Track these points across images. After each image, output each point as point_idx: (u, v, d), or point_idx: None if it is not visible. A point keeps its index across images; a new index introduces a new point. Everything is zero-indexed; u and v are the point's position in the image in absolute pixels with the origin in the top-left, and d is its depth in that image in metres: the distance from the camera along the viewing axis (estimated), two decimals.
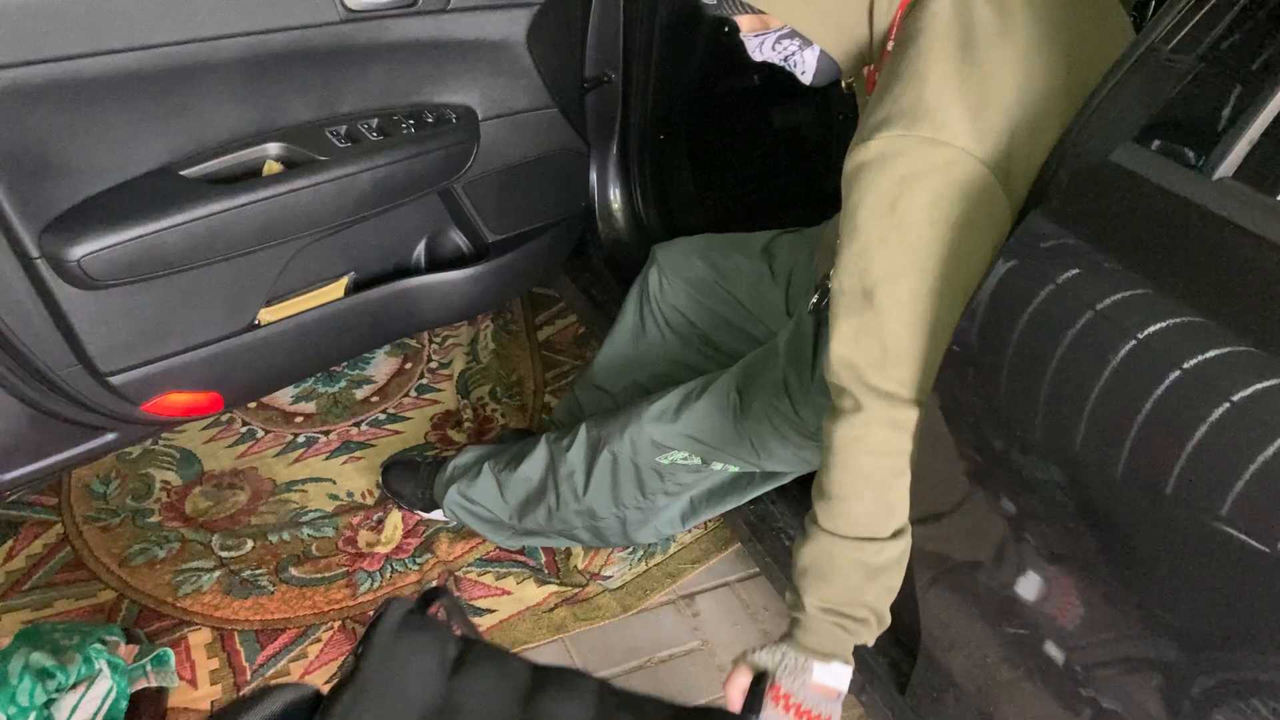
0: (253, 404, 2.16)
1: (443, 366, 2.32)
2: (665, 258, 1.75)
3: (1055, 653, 1.01)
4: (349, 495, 1.98)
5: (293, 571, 1.80)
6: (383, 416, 2.18)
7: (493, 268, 1.81)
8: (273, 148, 1.45)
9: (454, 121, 1.60)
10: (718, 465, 1.54)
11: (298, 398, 2.20)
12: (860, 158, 0.99)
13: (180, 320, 1.47)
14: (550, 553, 1.87)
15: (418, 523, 1.90)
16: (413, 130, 1.54)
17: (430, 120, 1.57)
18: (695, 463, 1.53)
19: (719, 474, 1.59)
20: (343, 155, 1.47)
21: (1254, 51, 0.86)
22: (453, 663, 0.76)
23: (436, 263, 1.80)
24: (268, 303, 1.57)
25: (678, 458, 1.53)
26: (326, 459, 2.05)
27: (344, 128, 1.50)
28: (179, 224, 1.33)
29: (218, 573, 1.79)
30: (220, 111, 1.41)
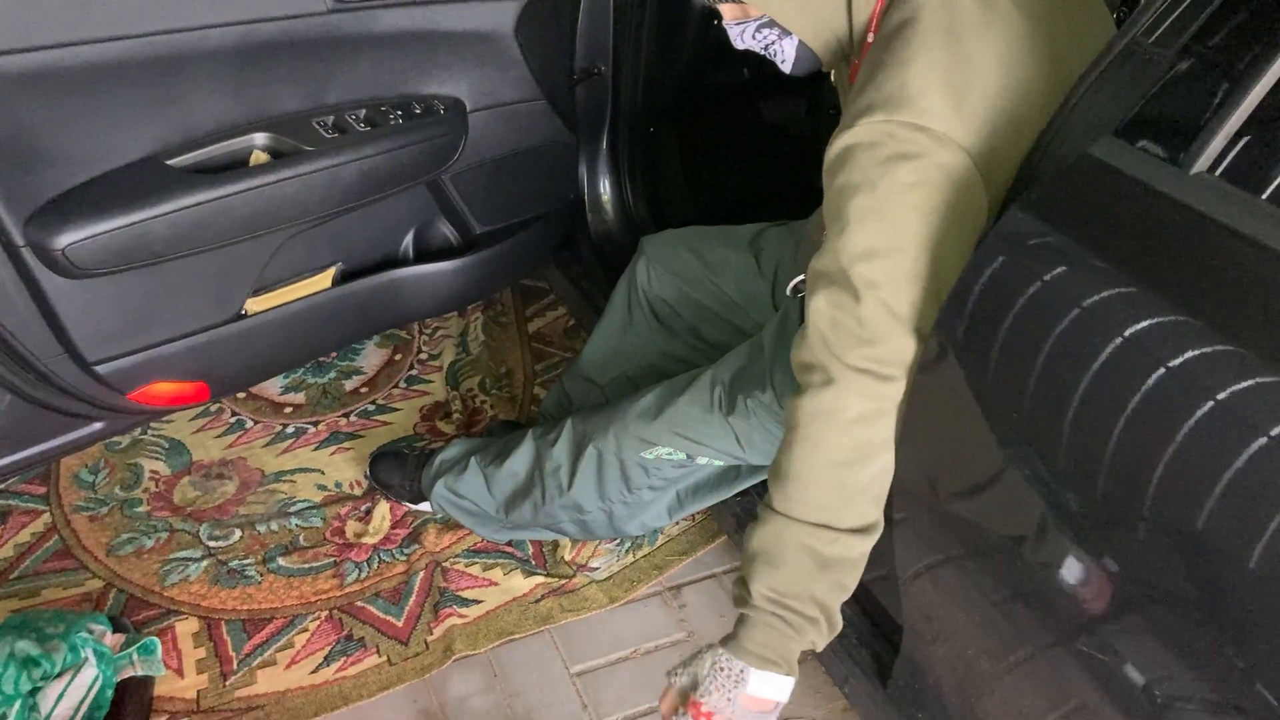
0: (242, 394, 2.16)
1: (432, 358, 2.32)
2: (653, 250, 1.75)
3: (1037, 644, 1.01)
4: (337, 486, 1.98)
5: (280, 561, 1.80)
6: (372, 407, 2.18)
7: (481, 259, 1.81)
8: (260, 138, 1.45)
9: (442, 113, 1.60)
10: (703, 460, 1.54)
11: (287, 388, 2.20)
12: (844, 143, 1.01)
13: (166, 309, 1.47)
14: (538, 544, 1.87)
15: (405, 513, 1.90)
16: (400, 121, 1.54)
17: (418, 111, 1.57)
18: (680, 458, 1.53)
19: (704, 468, 1.59)
20: (330, 146, 1.47)
21: (1234, 46, 0.87)
22: None
23: (424, 254, 1.81)
24: (255, 293, 1.57)
25: (663, 453, 1.53)
26: (315, 449, 2.06)
27: (331, 118, 1.50)
28: (165, 213, 1.33)
29: (205, 562, 1.79)
30: (207, 101, 1.41)
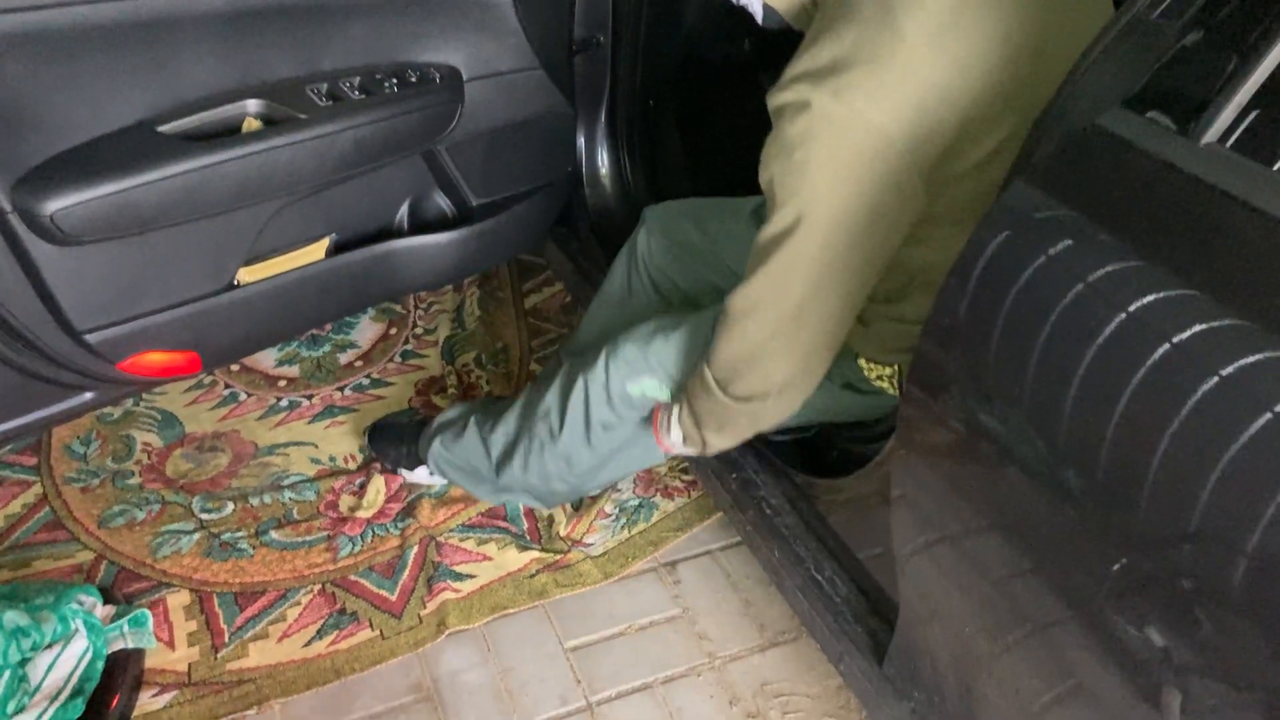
0: (236, 367, 2.15)
1: (428, 332, 2.31)
2: (655, 220, 1.74)
3: (1035, 623, 1.01)
4: (331, 459, 1.96)
5: (273, 535, 1.79)
6: (366, 381, 2.16)
7: (477, 232, 1.79)
8: (252, 105, 1.43)
9: (438, 81, 1.57)
10: None
11: (281, 361, 2.18)
12: (774, 102, 1.07)
13: (157, 278, 1.45)
14: (532, 519, 1.87)
15: (400, 487, 1.89)
16: (396, 89, 1.52)
17: (414, 80, 1.54)
18: (664, 396, 1.51)
19: None
20: (324, 114, 1.45)
21: (1242, 16, 0.85)
22: None
23: (420, 226, 1.78)
24: (247, 263, 1.55)
25: (648, 387, 1.51)
26: (309, 423, 2.04)
27: (325, 85, 1.48)
28: (156, 180, 1.31)
29: (197, 535, 1.78)
30: (199, 66, 1.39)
